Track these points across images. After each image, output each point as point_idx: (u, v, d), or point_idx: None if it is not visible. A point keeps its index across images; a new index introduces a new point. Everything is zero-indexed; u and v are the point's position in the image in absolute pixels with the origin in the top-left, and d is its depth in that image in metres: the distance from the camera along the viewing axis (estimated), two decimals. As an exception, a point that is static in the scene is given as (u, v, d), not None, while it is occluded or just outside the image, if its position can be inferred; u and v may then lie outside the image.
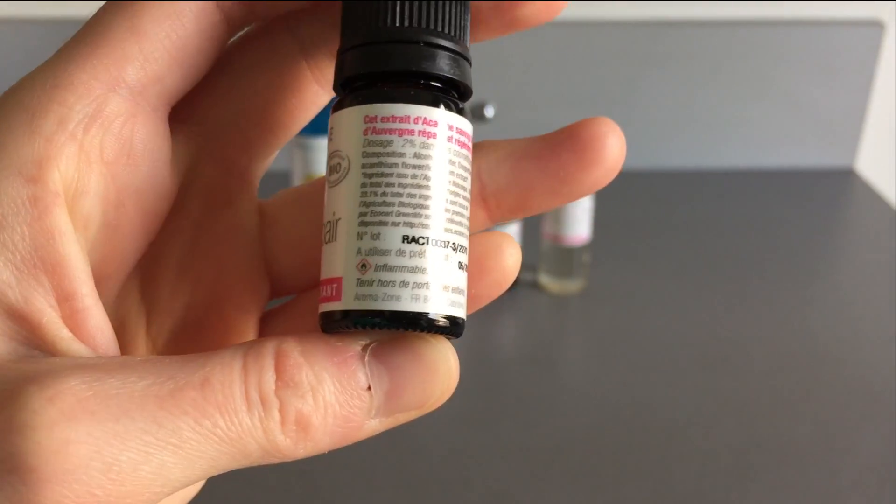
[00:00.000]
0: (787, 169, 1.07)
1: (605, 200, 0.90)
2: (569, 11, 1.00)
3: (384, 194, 0.19)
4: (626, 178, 1.02)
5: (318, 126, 0.81)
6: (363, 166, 0.19)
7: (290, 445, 0.18)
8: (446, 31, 0.19)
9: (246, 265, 0.23)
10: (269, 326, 0.24)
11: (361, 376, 0.19)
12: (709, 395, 0.70)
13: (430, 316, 0.19)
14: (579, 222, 0.80)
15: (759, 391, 0.71)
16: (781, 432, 0.66)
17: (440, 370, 0.19)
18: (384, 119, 0.19)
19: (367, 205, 0.19)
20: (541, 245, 0.83)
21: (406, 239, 0.19)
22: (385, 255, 0.18)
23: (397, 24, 0.19)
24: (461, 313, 0.19)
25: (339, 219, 0.19)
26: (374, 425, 0.19)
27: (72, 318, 0.18)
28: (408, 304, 0.18)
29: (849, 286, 0.88)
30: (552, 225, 0.81)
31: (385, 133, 0.19)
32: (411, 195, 0.19)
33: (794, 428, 0.67)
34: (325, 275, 0.19)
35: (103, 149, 0.19)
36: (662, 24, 1.01)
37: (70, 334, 0.18)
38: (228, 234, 0.23)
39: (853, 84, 1.04)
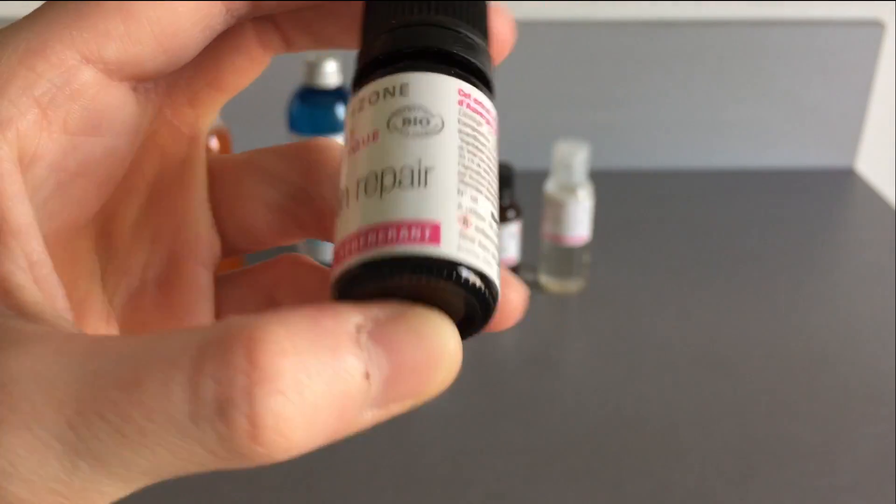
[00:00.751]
0: (787, 169, 1.07)
1: (606, 200, 0.90)
2: (569, 11, 1.00)
3: (479, 164, 0.18)
4: (626, 178, 1.02)
5: (319, 126, 0.81)
6: (460, 131, 0.18)
7: (262, 453, 0.15)
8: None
9: (201, 221, 0.23)
10: (225, 291, 0.23)
11: (356, 362, 0.16)
12: (709, 395, 0.70)
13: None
14: (579, 222, 0.80)
15: (759, 391, 0.71)
16: (781, 432, 0.66)
17: (445, 352, 0.17)
18: (477, 101, 0.19)
19: (465, 166, 0.18)
20: (541, 245, 0.83)
21: (492, 215, 0.18)
22: (482, 219, 0.18)
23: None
24: None
25: (432, 167, 0.17)
26: (367, 419, 0.16)
27: (40, 282, 0.17)
28: (494, 275, 0.18)
29: (848, 286, 0.88)
30: (552, 225, 0.81)
31: (477, 114, 0.19)
32: (492, 179, 0.19)
33: (794, 428, 0.67)
34: (404, 215, 0.17)
35: (67, 120, 0.19)
36: (662, 24, 1.01)
37: (42, 297, 0.17)
38: (183, 191, 0.23)
39: (853, 84, 1.04)
